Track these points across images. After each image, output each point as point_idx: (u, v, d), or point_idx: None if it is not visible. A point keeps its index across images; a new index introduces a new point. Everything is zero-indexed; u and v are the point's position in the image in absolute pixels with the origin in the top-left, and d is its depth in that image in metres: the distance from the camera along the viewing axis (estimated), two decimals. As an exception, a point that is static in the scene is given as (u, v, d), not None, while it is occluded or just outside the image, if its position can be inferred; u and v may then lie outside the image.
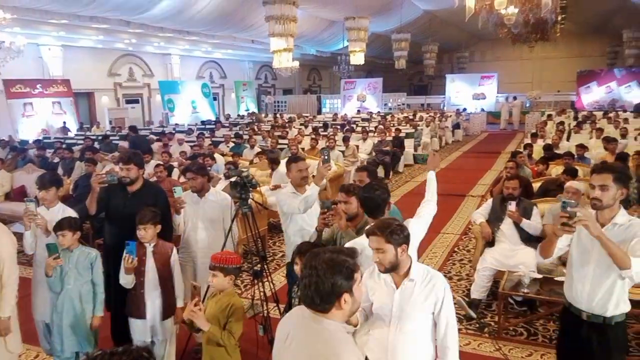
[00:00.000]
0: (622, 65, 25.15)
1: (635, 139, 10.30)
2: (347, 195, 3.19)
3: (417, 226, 2.81)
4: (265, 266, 3.84)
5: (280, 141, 11.07)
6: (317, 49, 23.67)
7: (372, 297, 2.44)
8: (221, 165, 8.03)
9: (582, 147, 7.92)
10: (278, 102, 28.13)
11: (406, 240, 2.30)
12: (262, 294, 3.61)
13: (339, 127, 15.16)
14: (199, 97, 22.17)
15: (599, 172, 2.50)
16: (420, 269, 2.37)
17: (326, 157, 3.58)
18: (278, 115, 21.65)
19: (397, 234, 2.25)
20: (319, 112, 26.34)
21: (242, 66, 26.19)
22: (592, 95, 23.66)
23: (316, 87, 31.71)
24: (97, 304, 3.37)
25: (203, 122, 18.81)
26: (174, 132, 13.50)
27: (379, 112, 22.85)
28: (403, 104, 26.81)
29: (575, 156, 7.45)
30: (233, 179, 3.62)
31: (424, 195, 3.15)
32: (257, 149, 9.86)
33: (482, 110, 24.23)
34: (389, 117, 18.80)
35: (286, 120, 17.69)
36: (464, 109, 23.03)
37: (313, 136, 11.10)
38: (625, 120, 13.66)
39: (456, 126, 19.15)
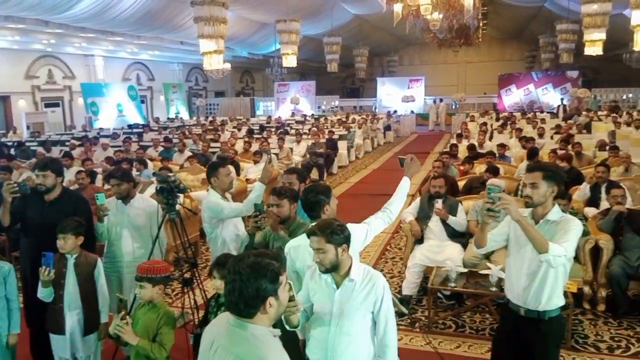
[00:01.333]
0: (539, 68, 26.83)
1: (552, 137, 11.01)
2: (279, 197, 3.19)
3: (357, 231, 2.69)
4: (197, 273, 3.75)
5: (213, 144, 10.86)
6: (249, 51, 23.47)
7: (313, 298, 2.45)
8: (152, 170, 7.75)
9: (502, 147, 8.37)
10: (210, 104, 27.62)
11: (346, 240, 2.33)
12: (192, 302, 3.52)
13: (273, 129, 15.12)
14: (125, 100, 21.29)
15: (530, 171, 2.62)
16: (361, 268, 2.40)
17: (270, 157, 3.62)
18: (211, 118, 21.30)
19: (337, 234, 2.28)
20: (253, 114, 26.15)
21: (171, 68, 25.45)
22: (512, 97, 25.08)
23: (249, 90, 31.43)
24: (13, 320, 3.16)
25: (130, 126, 18.12)
26: (98, 136, 12.89)
27: (312, 114, 23.02)
28: (336, 107, 27.18)
29: (497, 155, 7.89)
30: (159, 185, 3.51)
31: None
32: (187, 153, 9.60)
33: (412, 112, 25.01)
34: (322, 120, 18.99)
35: (218, 123, 17.41)
36: (395, 111, 23.67)
37: (246, 139, 10.98)
38: (542, 120, 14.60)
39: (387, 128, 19.65)
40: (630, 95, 22.56)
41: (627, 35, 12.91)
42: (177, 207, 3.59)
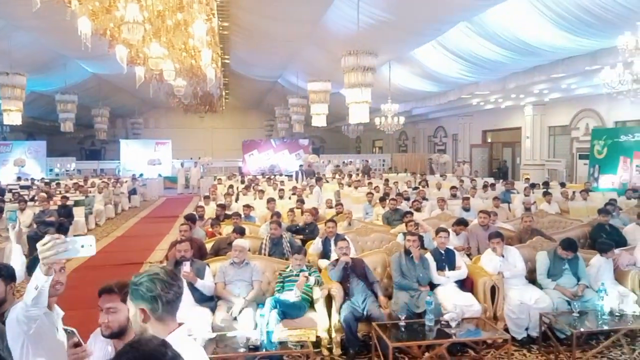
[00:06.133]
0: (276, 136, 29.65)
1: (290, 198, 12.07)
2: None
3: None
4: None
5: None
6: (-43, 104, 19.69)
7: None
8: None
9: (248, 207, 8.78)
10: None
11: None
12: None
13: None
14: None
15: (102, 295, 2.39)
16: None
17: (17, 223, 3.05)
18: None
19: None
20: (-40, 179, 21.71)
21: None
22: (256, 161, 26.89)
23: (-43, 150, 26.08)
24: None
25: None
26: None
27: (42, 178, 20.38)
28: (73, 170, 24.75)
29: (243, 215, 8.21)
30: None
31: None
32: None
33: (159, 175, 24.44)
34: (54, 184, 16.97)
35: None
36: (141, 175, 22.76)
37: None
38: (282, 182, 15.94)
39: (133, 192, 18.71)
40: (350, 160, 26.74)
41: (344, 110, 15.28)
42: None
